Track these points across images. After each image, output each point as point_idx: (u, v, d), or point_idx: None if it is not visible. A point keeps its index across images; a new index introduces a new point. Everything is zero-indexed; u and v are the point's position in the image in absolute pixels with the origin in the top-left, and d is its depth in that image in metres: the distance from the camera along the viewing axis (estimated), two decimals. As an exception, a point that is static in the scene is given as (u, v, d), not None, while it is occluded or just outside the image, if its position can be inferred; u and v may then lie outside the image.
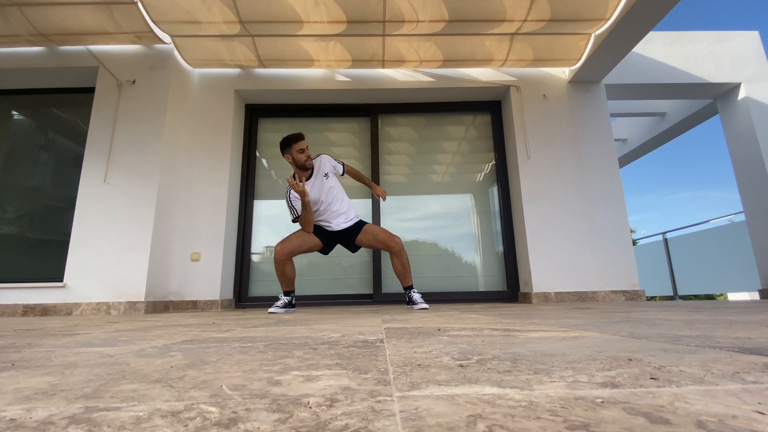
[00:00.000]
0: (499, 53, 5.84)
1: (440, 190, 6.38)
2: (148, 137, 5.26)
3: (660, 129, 8.22)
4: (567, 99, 6.09)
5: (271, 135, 6.51)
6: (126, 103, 5.39)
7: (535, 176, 5.78)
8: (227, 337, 1.74)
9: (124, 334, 2.04)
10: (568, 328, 1.78)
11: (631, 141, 9.19)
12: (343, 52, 5.77)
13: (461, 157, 6.50)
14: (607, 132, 5.97)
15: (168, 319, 3.39)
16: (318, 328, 2.13)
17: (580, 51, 5.72)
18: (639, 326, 1.82)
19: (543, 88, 6.14)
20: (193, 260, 5.44)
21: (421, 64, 6.00)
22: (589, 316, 2.58)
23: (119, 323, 2.91)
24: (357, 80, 6.17)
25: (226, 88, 6.09)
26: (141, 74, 5.54)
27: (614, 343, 1.28)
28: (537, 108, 6.04)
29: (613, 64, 5.75)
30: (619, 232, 5.62)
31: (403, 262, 4.33)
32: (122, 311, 4.70)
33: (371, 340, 1.52)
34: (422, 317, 2.77)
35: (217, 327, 2.35)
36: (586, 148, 5.88)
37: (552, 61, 5.98)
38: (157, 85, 5.49)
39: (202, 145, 5.81)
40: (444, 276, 6.00)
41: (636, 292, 5.42)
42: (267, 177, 6.37)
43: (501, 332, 1.68)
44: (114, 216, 4.98)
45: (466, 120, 6.62)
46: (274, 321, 2.76)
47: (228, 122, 5.94)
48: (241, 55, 5.81)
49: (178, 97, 5.68)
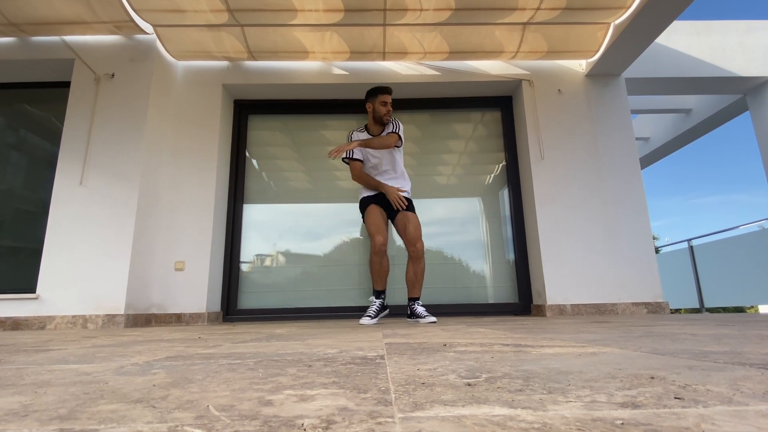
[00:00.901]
0: (510, 44, 5.85)
1: (446, 193, 6.38)
2: (128, 136, 5.26)
3: (685, 127, 8.23)
4: (584, 94, 6.10)
5: (261, 133, 6.52)
6: (104, 99, 5.40)
7: (549, 178, 5.78)
8: (214, 353, 1.74)
9: (102, 349, 2.04)
10: (585, 344, 1.78)
11: (654, 140, 9.20)
12: (341, 44, 5.78)
13: (469, 157, 6.50)
14: (627, 130, 5.97)
15: (150, 333, 3.38)
16: (313, 343, 2.13)
17: (598, 42, 5.74)
18: (662, 341, 1.82)
19: (558, 83, 6.15)
20: (177, 269, 5.44)
21: (425, 56, 6.01)
22: (608, 330, 2.57)
23: (97, 338, 2.91)
24: (355, 74, 6.19)
25: (213, 82, 6.10)
26: (120, 67, 5.54)
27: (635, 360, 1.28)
28: (551, 104, 6.05)
29: (634, 56, 5.76)
30: (641, 239, 5.62)
31: (418, 270, 4.46)
32: (100, 325, 4.69)
33: (371, 357, 1.52)
34: (426, 331, 2.77)
35: (203, 342, 2.35)
36: (605, 147, 5.89)
37: (568, 53, 6.00)
38: (138, 79, 5.49)
39: (187, 145, 5.82)
40: (450, 287, 6.00)
41: (659, 304, 5.42)
42: (258, 179, 6.37)
43: (512, 348, 1.68)
44: (91, 221, 4.98)
45: (474, 117, 6.63)
46: (264, 336, 2.76)
47: (215, 119, 5.95)
48: (229, 47, 5.82)
49: (161, 92, 5.69)
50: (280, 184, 6.41)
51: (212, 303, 5.56)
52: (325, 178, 6.38)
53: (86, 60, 5.53)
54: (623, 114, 6.03)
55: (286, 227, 6.25)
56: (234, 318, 5.82)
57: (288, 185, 6.40)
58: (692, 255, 10.09)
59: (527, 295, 5.91)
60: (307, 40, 5.73)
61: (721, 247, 9.41)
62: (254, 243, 6.17)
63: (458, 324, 3.77)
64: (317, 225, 6.25)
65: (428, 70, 6.20)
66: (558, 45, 5.86)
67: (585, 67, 6.15)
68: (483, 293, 6.06)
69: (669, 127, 8.72)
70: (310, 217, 6.23)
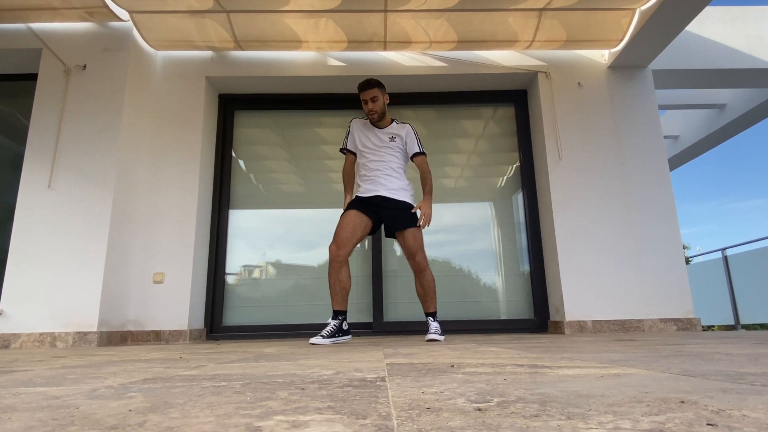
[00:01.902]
0: (525, 33, 5.86)
1: (453, 197, 6.39)
2: (102, 134, 5.27)
3: (718, 124, 8.23)
4: (607, 88, 6.11)
5: (249, 131, 6.54)
6: (75, 93, 5.41)
7: (568, 181, 5.79)
8: (197, 375, 1.74)
9: (72, 371, 2.04)
10: (608, 364, 1.78)
11: (684, 138, 9.20)
12: (337, 32, 5.79)
13: (479, 157, 6.51)
14: (654, 127, 5.98)
15: (126, 353, 3.38)
16: (306, 363, 2.13)
17: (623, 30, 5.75)
18: (693, 362, 1.82)
19: (578, 75, 6.17)
20: (156, 282, 5.44)
21: (431, 45, 6.03)
22: (633, 349, 2.57)
23: (67, 358, 2.91)
24: (353, 65, 6.20)
25: (195, 74, 6.11)
26: (93, 58, 5.55)
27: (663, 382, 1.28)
28: (570, 98, 6.07)
29: (662, 45, 5.78)
30: (670, 249, 5.63)
31: (424, 283, 4.50)
32: (70, 343, 4.69)
33: (370, 379, 1.52)
34: (432, 351, 2.77)
35: (184, 362, 2.35)
36: (630, 146, 5.90)
37: (588, 42, 6.01)
38: (112, 72, 5.50)
39: (167, 144, 5.83)
40: (458, 301, 6.00)
41: (689, 320, 5.41)
42: (245, 182, 6.38)
43: (527, 369, 1.68)
44: (60, 229, 4.98)
45: (485, 113, 6.64)
46: (253, 355, 2.76)
47: (198, 116, 5.96)
48: (213, 35, 5.84)
49: (138, 85, 5.70)
50: (270, 188, 6.41)
51: (195, 319, 5.55)
52: (319, 180, 6.38)
53: (55, 50, 5.54)
54: (650, 110, 6.04)
55: (277, 235, 6.26)
56: (219, 336, 5.82)
57: (279, 189, 6.41)
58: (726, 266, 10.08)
59: (544, 310, 5.90)
60: (300, 28, 5.75)
61: (758, 258, 9.40)
62: (241, 253, 6.17)
63: (467, 342, 3.76)
64: (311, 233, 6.25)
65: (434, 61, 6.22)
66: (578, 33, 5.86)
67: (608, 58, 6.16)
68: (495, 308, 6.06)
69: (701, 124, 8.72)
70: (303, 224, 6.24)
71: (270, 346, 3.89)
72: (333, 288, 4.33)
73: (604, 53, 6.22)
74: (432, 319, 4.42)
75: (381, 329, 5.83)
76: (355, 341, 4.45)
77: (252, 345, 4.26)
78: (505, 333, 5.67)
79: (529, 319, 5.95)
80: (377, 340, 4.70)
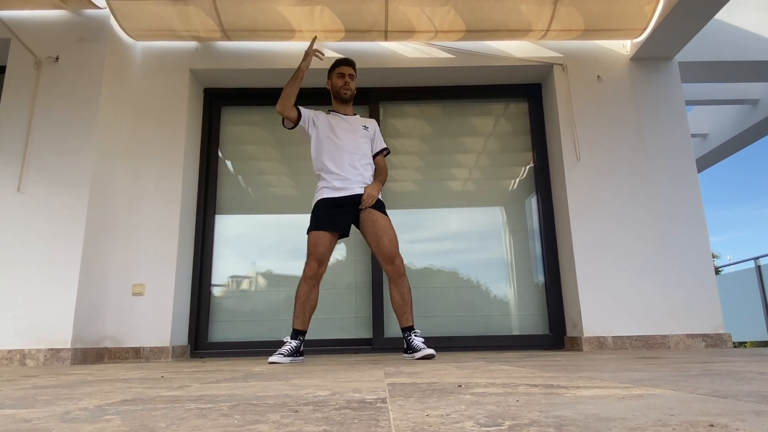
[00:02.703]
0: (540, 21, 5.86)
1: (461, 201, 6.40)
2: (76, 132, 5.27)
3: (751, 121, 8.23)
4: (629, 81, 6.12)
5: (237, 129, 6.55)
6: (47, 87, 5.41)
7: (586, 183, 5.79)
8: (180, 396, 1.74)
9: (44, 391, 2.04)
10: (630, 384, 1.78)
11: (714, 137, 9.20)
12: (334, 20, 5.80)
13: (489, 158, 6.52)
14: (681, 125, 5.99)
15: (102, 371, 3.38)
16: (300, 383, 2.13)
17: (646, 18, 5.75)
18: (724, 381, 1.82)
19: (597, 68, 6.18)
20: (136, 294, 5.43)
21: (437, 35, 6.03)
22: (658, 367, 2.57)
23: (38, 377, 2.91)
24: (351, 57, 6.15)
25: (178, 67, 6.12)
26: (67, 49, 5.56)
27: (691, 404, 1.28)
28: (589, 93, 6.07)
29: (690, 35, 5.78)
30: (698, 258, 5.62)
31: (404, 291, 4.41)
32: (42, 362, 4.69)
33: (370, 400, 1.52)
34: (437, 370, 2.77)
35: (166, 382, 2.35)
36: (654, 146, 5.90)
37: (609, 32, 6.01)
38: (87, 64, 5.51)
39: (148, 143, 5.83)
40: (466, 315, 5.99)
41: (719, 336, 5.41)
42: (233, 184, 6.39)
43: (541, 389, 1.68)
44: (31, 237, 4.98)
45: (496, 109, 6.65)
46: (241, 374, 2.76)
47: (181, 112, 5.96)
48: (198, 24, 5.84)
49: (116, 79, 5.71)
50: (261, 191, 6.43)
51: (178, 335, 5.55)
52: (314, 183, 6.35)
53: (25, 40, 5.54)
54: (676, 105, 6.04)
55: (268, 243, 6.26)
56: (204, 353, 5.81)
57: (270, 192, 6.41)
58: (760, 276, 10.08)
59: (560, 325, 5.90)
60: (293, 17, 5.76)
61: (796, 267, 9.39)
62: (229, 262, 6.18)
63: (476, 360, 3.76)
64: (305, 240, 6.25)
65: (440, 53, 6.23)
66: (597, 22, 5.86)
67: (630, 49, 6.17)
68: (506, 323, 6.06)
69: (732, 121, 8.72)
70: (296, 231, 6.23)
71: (260, 365, 3.89)
72: (302, 306, 4.31)
73: (625, 44, 6.22)
74: (417, 334, 4.33)
75: (382, 346, 5.82)
76: (354, 359, 4.45)
77: (240, 363, 4.26)
78: (517, 350, 5.67)
79: (544, 335, 5.94)
80: (378, 357, 4.70)
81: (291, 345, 4.23)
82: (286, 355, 4.15)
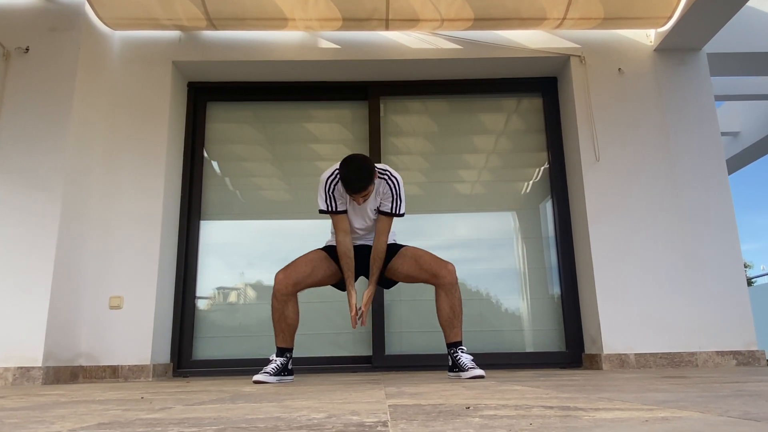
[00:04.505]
0: (555, 9, 5.86)
1: (469, 206, 6.40)
2: (48, 130, 5.27)
3: (787, 117, 8.25)
4: (653, 75, 6.12)
5: (225, 126, 6.56)
6: (15, 81, 5.41)
7: (606, 186, 5.79)
8: (162, 419, 1.75)
9: (13, 414, 2.04)
10: (655, 406, 1.79)
11: (746, 135, 9.21)
12: (330, 8, 5.80)
13: (500, 158, 6.52)
14: (710, 122, 5.99)
15: (77, 392, 3.38)
16: (293, 405, 2.13)
17: (672, 5, 5.74)
18: (756, 402, 1.82)
19: (618, 60, 6.18)
20: (113, 308, 5.43)
21: (443, 24, 6.03)
22: (685, 388, 2.57)
23: (6, 398, 2.91)
24: (349, 48, 6.23)
25: (160, 59, 6.13)
26: (37, 39, 5.55)
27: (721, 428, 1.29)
28: (610, 87, 6.08)
29: (720, 24, 5.77)
30: (728, 267, 5.62)
31: (454, 303, 4.33)
32: (10, 381, 4.68)
33: (369, 423, 1.53)
34: (444, 390, 2.77)
35: (147, 404, 2.35)
36: (681, 145, 5.90)
37: (631, 20, 6.02)
38: (60, 55, 5.51)
39: (126, 142, 5.84)
40: (476, 330, 5.99)
41: (752, 353, 5.40)
42: (220, 187, 6.40)
43: (557, 411, 1.69)
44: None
45: (508, 105, 6.66)
46: (228, 395, 2.76)
47: (163, 108, 5.97)
48: (181, 12, 5.84)
49: (91, 72, 5.71)
50: (250, 194, 6.44)
51: (159, 352, 5.55)
52: (308, 186, 6.37)
53: (-6, 30, 5.57)
54: (705, 101, 6.05)
55: (258, 251, 6.27)
56: (188, 371, 5.81)
57: (260, 195, 6.43)
58: (798, 288, 10.07)
59: (577, 341, 5.90)
60: (286, 4, 5.75)
61: (836, 278, 9.38)
62: (215, 272, 6.18)
63: (486, 379, 3.76)
64: (298, 249, 6.18)
65: (446, 43, 6.24)
66: (618, 9, 5.86)
67: (654, 39, 6.18)
68: (519, 339, 6.06)
69: (766, 118, 8.72)
70: (288, 238, 6.24)
71: (249, 384, 3.89)
72: (278, 324, 4.26)
73: (649, 33, 6.23)
74: (464, 350, 4.26)
75: (382, 364, 5.82)
76: (352, 378, 4.45)
77: (228, 382, 4.26)
78: (531, 368, 5.66)
79: (560, 352, 5.95)
80: (378, 376, 4.70)
81: (277, 363, 4.22)
82: (272, 374, 4.13)
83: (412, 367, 5.79)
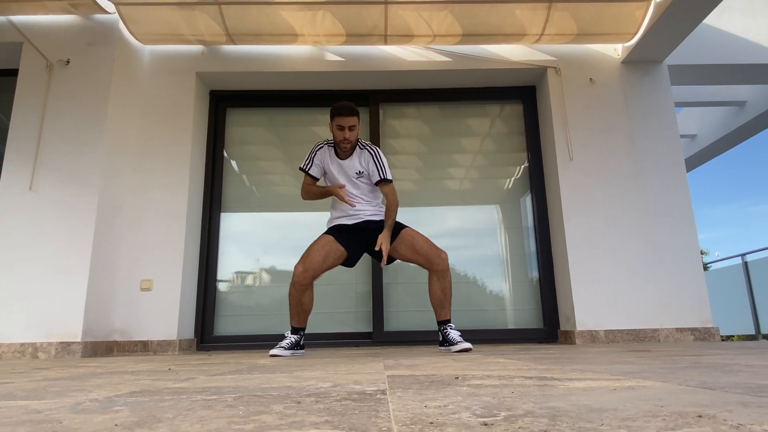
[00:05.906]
0: (534, 26, 5.86)
1: (458, 200, 6.39)
2: (86, 133, 5.27)
3: (738, 122, 8.23)
4: (620, 84, 6.11)
5: (242, 130, 6.54)
6: (58, 90, 5.41)
7: (579, 182, 5.79)
8: (187, 388, 1.74)
9: (55, 383, 2.04)
10: (622, 376, 1.78)
11: (702, 137, 9.20)
12: (335, 25, 5.80)
13: (485, 157, 6.51)
14: (671, 126, 5.98)
15: (111, 364, 3.38)
16: (302, 375, 2.13)
17: (637, 22, 5.74)
18: (712, 373, 1.82)
19: (589, 70, 6.17)
20: (144, 289, 5.44)
21: (435, 39, 6.03)
22: (648, 360, 2.57)
23: (49, 370, 2.91)
24: (353, 60, 6.21)
25: (185, 70, 6.12)
26: (77, 53, 5.56)
27: (680, 395, 1.28)
28: (582, 95, 6.07)
29: (679, 39, 5.77)
30: (687, 254, 5.62)
31: (446, 286, 4.35)
32: (53, 354, 4.69)
33: (370, 392, 1.52)
34: (436, 362, 2.76)
35: (173, 374, 2.35)
36: (645, 146, 5.89)
37: (601, 36, 6.01)
38: (97, 67, 5.50)
39: (155, 143, 5.83)
40: (463, 310, 5.98)
41: (708, 330, 5.41)
42: (238, 183, 6.39)
43: (536, 381, 1.68)
44: (42, 233, 4.98)
45: (492, 111, 6.65)
46: (245, 367, 2.76)
47: (188, 114, 5.96)
48: (204, 29, 5.84)
49: (124, 81, 5.70)
50: (265, 190, 6.43)
51: (184, 328, 5.56)
52: (316, 182, 6.38)
53: (37, 44, 5.53)
54: (666, 107, 6.04)
55: (272, 240, 6.26)
56: (210, 346, 5.81)
57: (273, 191, 6.42)
58: (747, 272, 10.07)
59: (553, 319, 5.90)
60: (296, 21, 5.75)
61: (781, 263, 9.39)
62: (234, 258, 6.18)
63: (473, 353, 3.76)
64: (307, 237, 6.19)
65: (438, 56, 6.22)
66: (590, 26, 5.86)
67: (621, 53, 6.16)
68: (501, 317, 6.06)
69: (720, 122, 8.71)
70: (299, 229, 6.22)
71: (264, 357, 3.89)
72: (294, 309, 4.26)
73: (617, 47, 6.22)
74: (452, 327, 4.29)
75: (381, 339, 5.83)
76: (354, 352, 4.45)
77: (245, 356, 4.26)
78: (512, 343, 5.66)
79: (538, 329, 5.95)
80: (377, 350, 4.70)
81: (291, 339, 4.23)
82: (286, 348, 4.15)
83: (408, 342, 5.79)
